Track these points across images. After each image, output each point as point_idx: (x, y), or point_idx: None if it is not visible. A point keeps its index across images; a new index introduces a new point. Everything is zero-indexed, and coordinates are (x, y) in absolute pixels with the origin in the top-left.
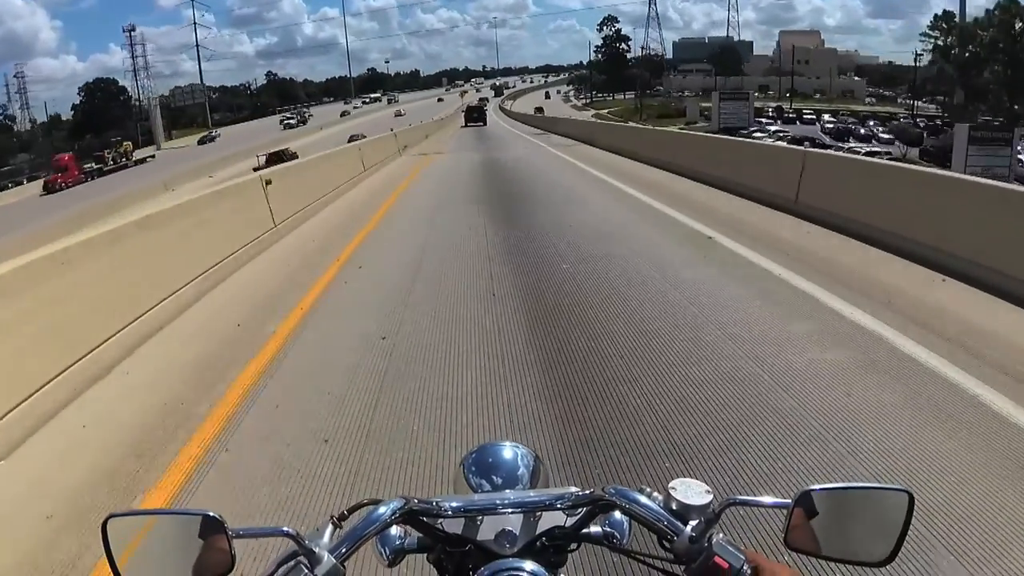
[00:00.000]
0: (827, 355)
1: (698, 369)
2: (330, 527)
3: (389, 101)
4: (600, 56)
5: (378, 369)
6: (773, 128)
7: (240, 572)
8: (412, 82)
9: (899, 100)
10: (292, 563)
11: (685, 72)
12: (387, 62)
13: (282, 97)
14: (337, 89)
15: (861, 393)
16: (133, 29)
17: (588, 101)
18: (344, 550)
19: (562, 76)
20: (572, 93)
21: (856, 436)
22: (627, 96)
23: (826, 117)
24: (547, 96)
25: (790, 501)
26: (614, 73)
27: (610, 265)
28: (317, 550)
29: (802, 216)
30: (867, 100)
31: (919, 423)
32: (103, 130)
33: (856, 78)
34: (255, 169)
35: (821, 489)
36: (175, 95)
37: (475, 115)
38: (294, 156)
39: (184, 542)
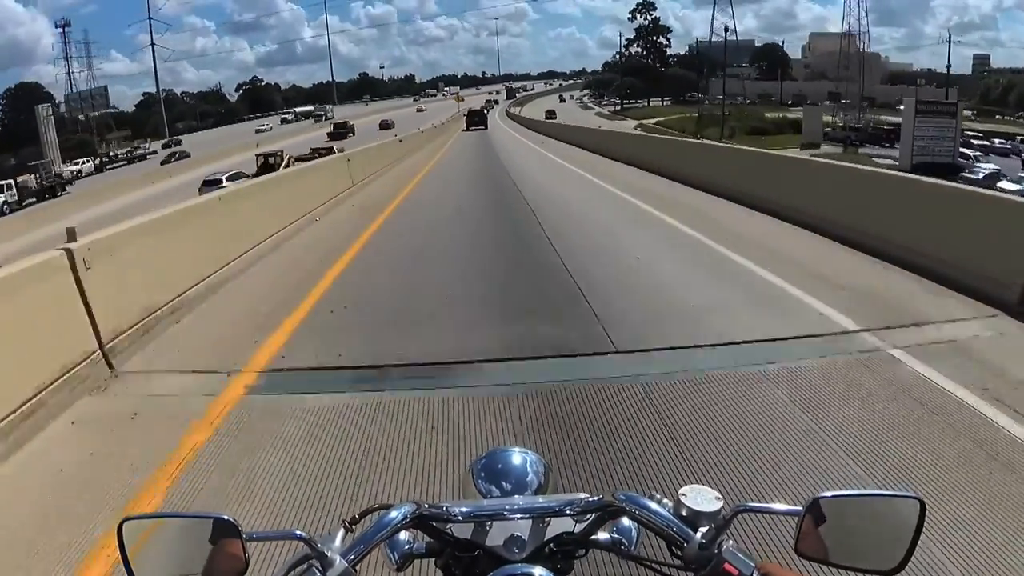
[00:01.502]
0: None
1: None
2: (341, 531)
3: (317, 119)
4: (621, 55)
5: None
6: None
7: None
8: (406, 87)
9: (998, 116)
10: (304, 566)
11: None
12: (382, 67)
13: (255, 104)
14: (322, 95)
15: None
16: (67, 25)
17: (619, 108)
18: (355, 554)
19: (573, 81)
20: (587, 97)
21: None
22: (665, 102)
23: (997, 142)
24: (561, 100)
25: (801, 508)
26: (650, 73)
27: None
28: (329, 553)
29: None
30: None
31: None
32: (22, 145)
33: (927, 87)
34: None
35: (832, 496)
36: (71, 103)
37: (476, 119)
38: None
39: (198, 545)
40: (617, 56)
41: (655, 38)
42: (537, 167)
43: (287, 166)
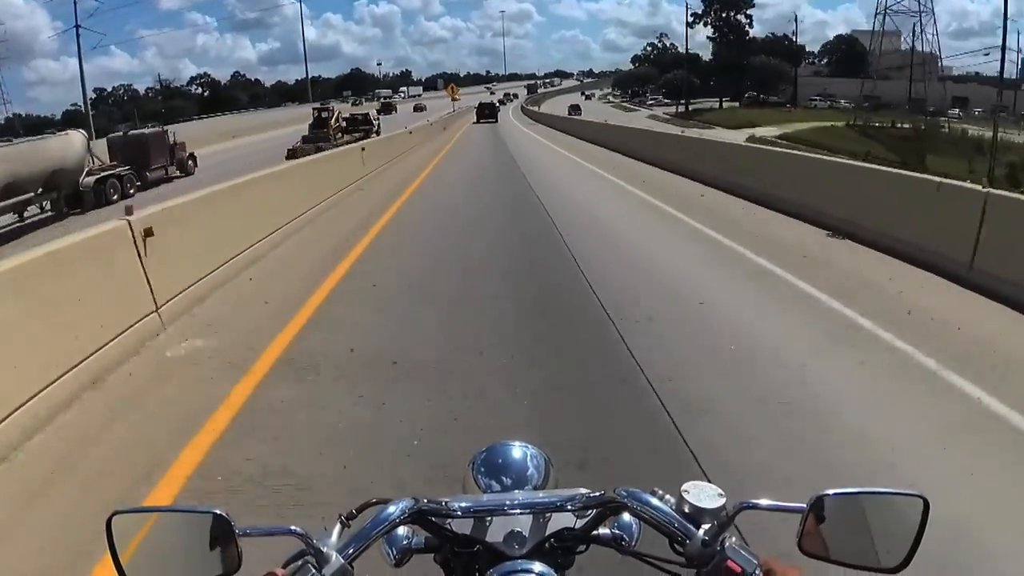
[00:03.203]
0: None
1: None
2: (338, 526)
3: None
4: (655, 46)
5: None
6: None
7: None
8: (401, 84)
9: None
10: (300, 562)
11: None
12: (379, 64)
13: (213, 103)
14: (303, 93)
15: None
16: None
17: (683, 110)
18: (352, 550)
19: (585, 80)
20: (613, 95)
21: None
22: (740, 101)
23: None
24: (587, 97)
25: (804, 505)
26: (727, 64)
27: None
28: (325, 550)
29: None
30: None
31: None
32: None
33: None
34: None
35: (835, 494)
36: None
37: (487, 112)
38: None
39: (191, 540)
40: (649, 48)
41: (731, 15)
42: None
43: (337, 121)
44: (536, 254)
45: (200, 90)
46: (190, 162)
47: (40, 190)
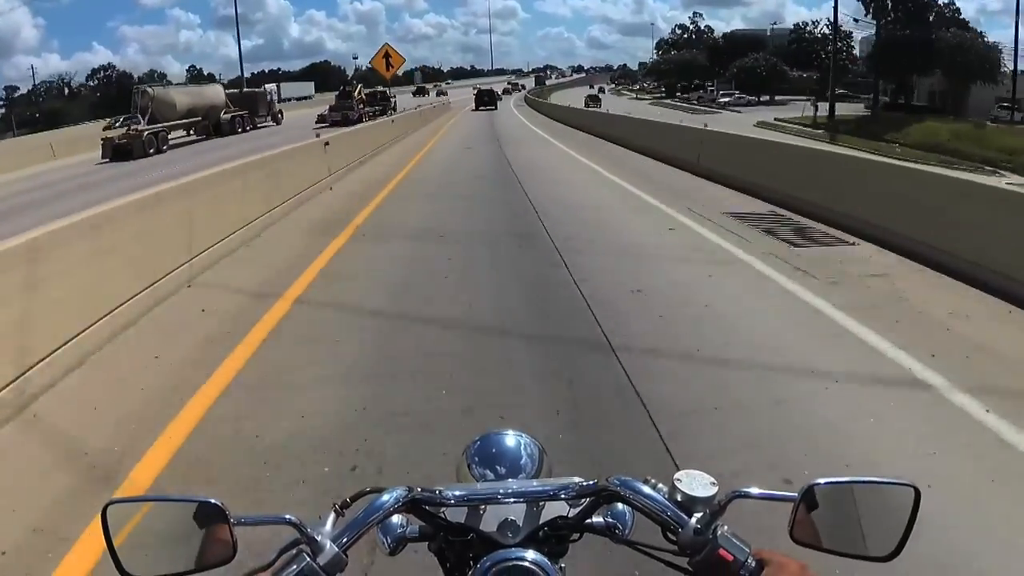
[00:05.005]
0: None
1: None
2: (332, 515)
3: None
4: (685, 28)
5: None
6: None
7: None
8: (374, 77)
9: None
10: (294, 551)
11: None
12: (355, 58)
13: (108, 102)
14: (243, 86)
15: None
16: None
17: (825, 115)
18: (346, 539)
19: (577, 76)
20: (628, 88)
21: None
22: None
23: None
24: (601, 91)
25: (796, 494)
26: (899, 39)
27: None
28: (319, 538)
29: None
30: None
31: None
32: None
33: None
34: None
35: (827, 483)
36: None
37: (486, 99)
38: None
39: (185, 529)
40: (679, 31)
41: None
42: None
43: (359, 94)
44: None
45: (104, 84)
46: (280, 115)
47: (200, 118)
